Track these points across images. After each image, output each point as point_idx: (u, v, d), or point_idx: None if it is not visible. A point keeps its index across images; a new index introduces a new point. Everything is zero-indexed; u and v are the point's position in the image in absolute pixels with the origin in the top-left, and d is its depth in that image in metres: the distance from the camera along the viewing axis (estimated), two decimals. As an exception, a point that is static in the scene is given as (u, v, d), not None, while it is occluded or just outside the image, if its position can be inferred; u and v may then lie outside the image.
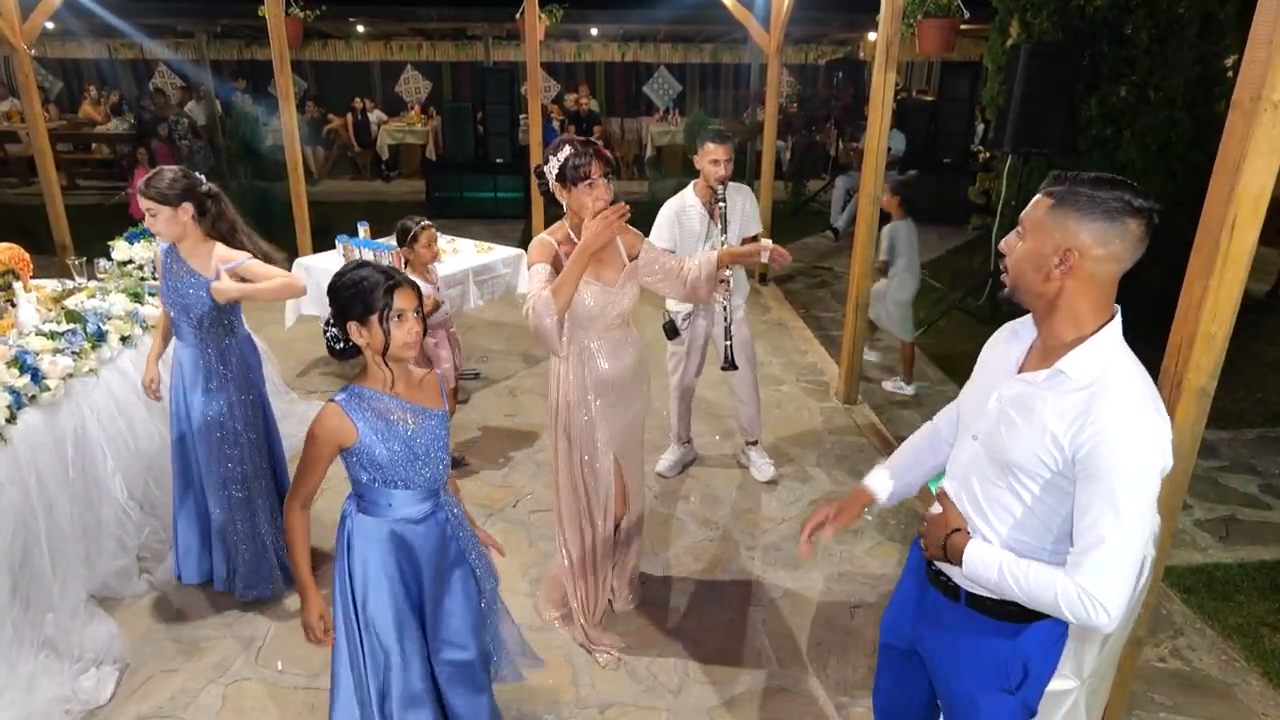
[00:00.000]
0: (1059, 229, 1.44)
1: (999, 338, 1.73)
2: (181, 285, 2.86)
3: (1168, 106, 5.68)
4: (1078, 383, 1.47)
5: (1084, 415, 1.43)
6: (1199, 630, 3.17)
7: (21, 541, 2.68)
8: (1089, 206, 1.42)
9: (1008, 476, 1.57)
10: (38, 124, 6.28)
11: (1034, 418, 1.51)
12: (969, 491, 1.66)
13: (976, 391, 1.72)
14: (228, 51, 14.12)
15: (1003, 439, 1.57)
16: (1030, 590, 1.49)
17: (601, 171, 2.54)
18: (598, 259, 2.62)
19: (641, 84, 15.77)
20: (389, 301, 1.85)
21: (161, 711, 2.68)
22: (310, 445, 1.91)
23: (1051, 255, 1.45)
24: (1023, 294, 1.53)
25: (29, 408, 2.82)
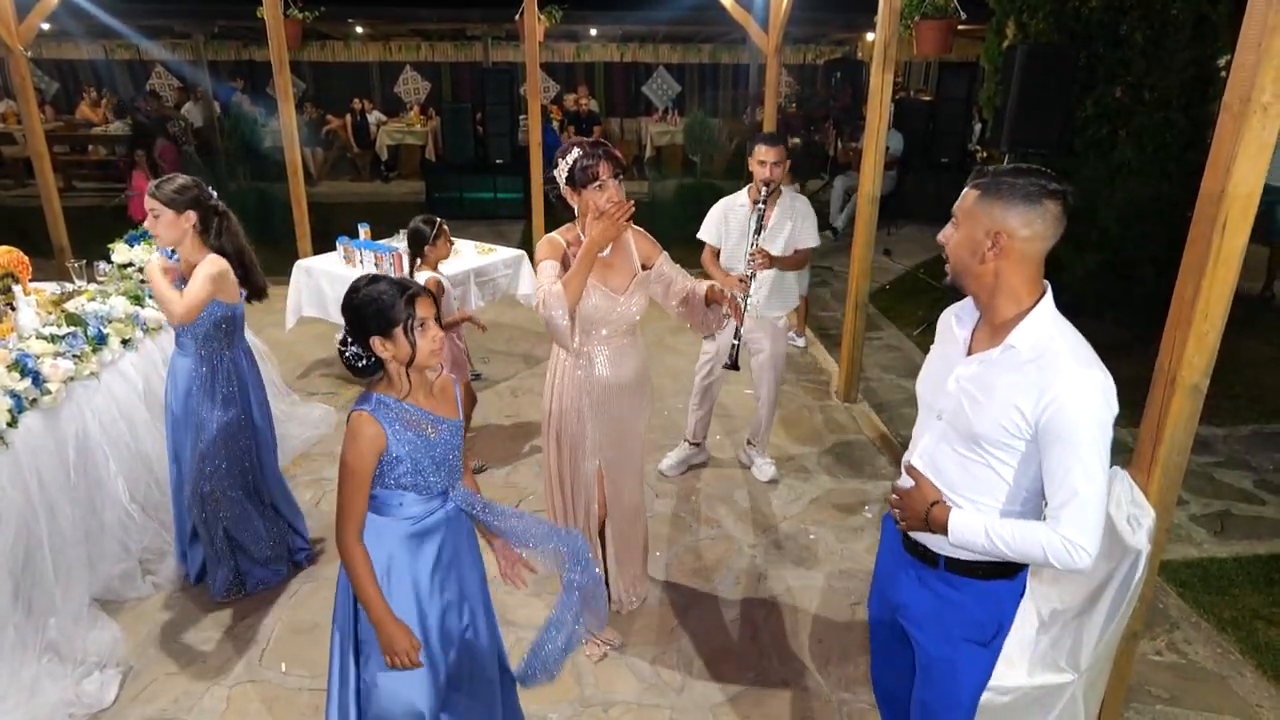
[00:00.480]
0: (987, 215, 1.62)
1: (944, 323, 1.88)
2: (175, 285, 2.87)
3: (1163, 107, 5.70)
4: (1025, 355, 1.62)
5: (1039, 385, 1.59)
6: (1194, 624, 3.20)
7: (24, 545, 2.69)
8: (1010, 193, 1.59)
9: (975, 448, 1.71)
10: (34, 126, 6.28)
11: (994, 393, 1.65)
12: (936, 466, 1.80)
13: (934, 374, 1.86)
14: (225, 52, 14.13)
15: (967, 415, 1.70)
16: (1018, 547, 1.63)
17: (611, 172, 2.51)
18: (606, 264, 2.60)
19: (641, 84, 15.79)
20: (411, 312, 1.84)
21: (165, 714, 2.69)
22: (350, 466, 1.86)
23: (984, 239, 1.63)
24: (963, 278, 1.70)
25: (30, 411, 2.83)
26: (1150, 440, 2.10)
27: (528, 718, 2.69)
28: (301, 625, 3.11)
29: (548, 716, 2.72)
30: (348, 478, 1.87)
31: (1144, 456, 2.14)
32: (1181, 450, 2.09)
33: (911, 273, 8.21)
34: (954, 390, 1.74)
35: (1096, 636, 2.10)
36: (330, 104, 13.63)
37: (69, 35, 12.80)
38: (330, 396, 5.06)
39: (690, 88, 15.81)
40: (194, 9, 11.85)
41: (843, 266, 8.13)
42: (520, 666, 2.19)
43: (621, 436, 2.83)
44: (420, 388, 1.96)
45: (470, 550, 2.15)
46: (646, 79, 15.79)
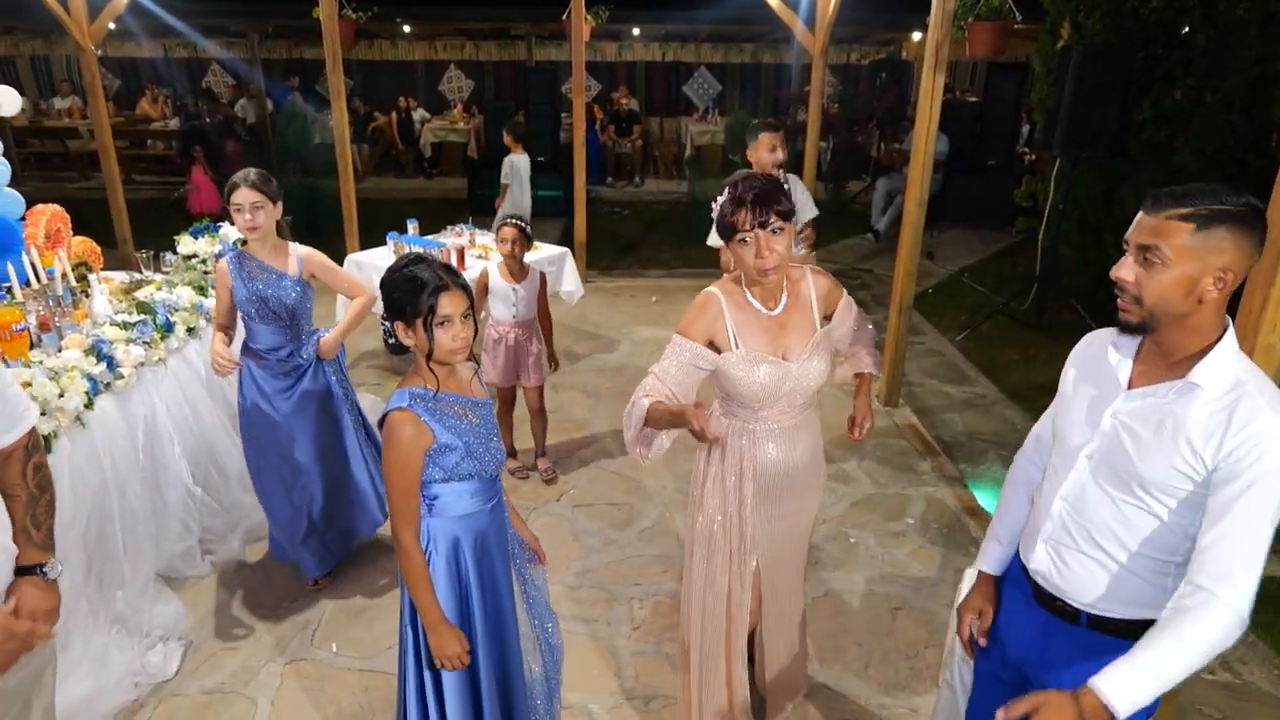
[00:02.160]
0: (1213, 252, 1.41)
1: (1090, 351, 1.71)
2: (267, 287, 2.98)
3: (1225, 109, 5.56)
4: (1213, 393, 1.46)
5: (1226, 424, 1.43)
6: (1251, 644, 3.14)
7: (97, 522, 2.82)
8: (1236, 222, 1.41)
9: (1136, 492, 1.54)
10: (102, 122, 6.50)
11: (1165, 431, 1.49)
12: (1082, 509, 1.63)
13: (1080, 409, 1.67)
14: (278, 51, 14.44)
15: (1128, 455, 1.54)
16: (1187, 658, 1.40)
17: (753, 222, 1.92)
18: (778, 323, 2.10)
19: (681, 83, 15.81)
20: (434, 305, 1.78)
21: (224, 687, 2.80)
22: (397, 467, 1.82)
23: (1207, 279, 1.43)
24: (1164, 321, 1.49)
25: (104, 394, 2.96)
26: (1208, 449, 2.07)
27: (569, 707, 2.75)
28: (351, 607, 3.21)
29: (589, 707, 2.77)
30: (394, 479, 1.83)
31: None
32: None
33: (955, 276, 8.13)
34: (1109, 428, 1.58)
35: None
36: (377, 102, 13.86)
37: (131, 34, 13.19)
38: (376, 388, 5.15)
39: (731, 87, 15.79)
40: (251, 8, 12.14)
41: (884, 270, 8.09)
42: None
43: (787, 531, 2.31)
44: (449, 376, 1.92)
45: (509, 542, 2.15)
46: (687, 78, 15.80)
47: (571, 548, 3.63)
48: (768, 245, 1.94)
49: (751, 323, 2.10)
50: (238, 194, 2.86)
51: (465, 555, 1.97)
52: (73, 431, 2.73)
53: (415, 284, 1.78)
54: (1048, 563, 1.69)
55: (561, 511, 3.91)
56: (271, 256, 3.02)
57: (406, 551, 1.87)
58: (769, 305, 2.10)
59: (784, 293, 2.11)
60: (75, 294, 3.45)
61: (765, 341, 2.09)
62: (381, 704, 2.74)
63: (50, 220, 3.75)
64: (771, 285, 2.07)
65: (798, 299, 2.14)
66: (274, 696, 2.77)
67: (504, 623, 2.08)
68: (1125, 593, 1.60)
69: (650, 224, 10.27)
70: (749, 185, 1.95)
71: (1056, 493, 1.68)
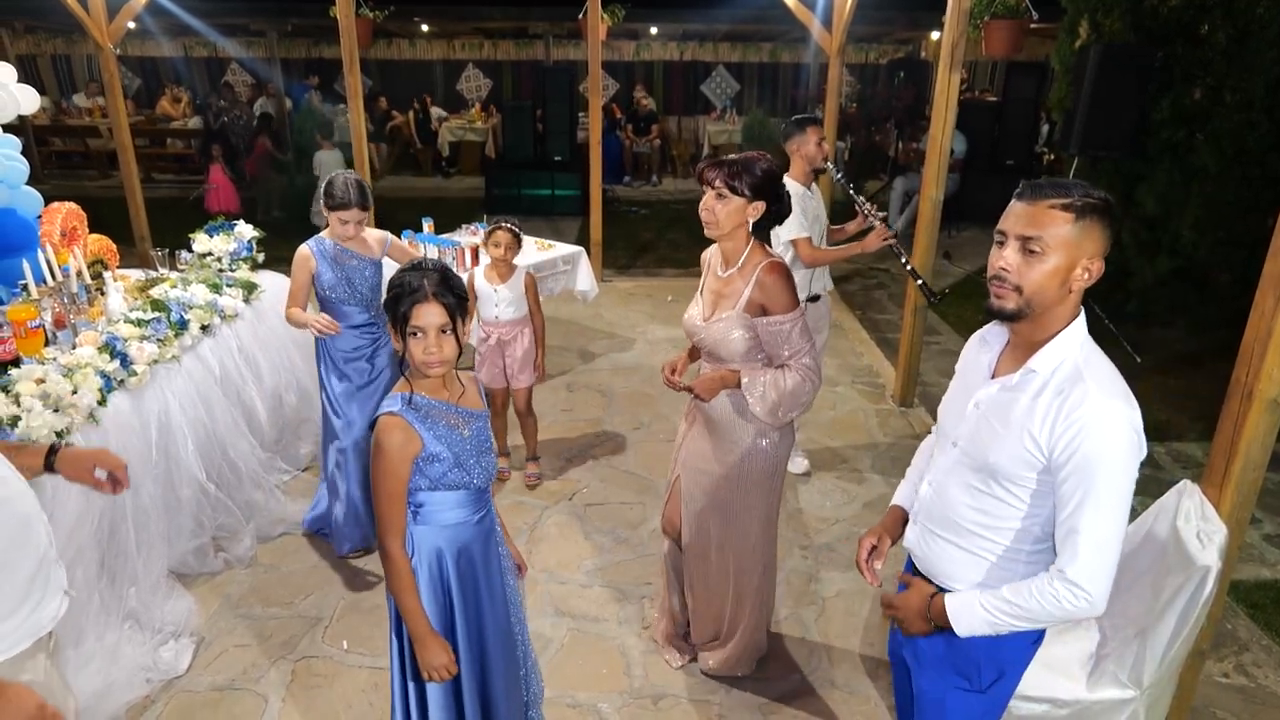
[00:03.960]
0: (1086, 242, 1.46)
1: (970, 345, 1.77)
2: (352, 270, 3.25)
3: (1245, 109, 5.48)
4: (1045, 377, 1.51)
5: (1058, 412, 1.47)
6: (1265, 647, 3.09)
7: (109, 518, 2.84)
8: (1103, 214, 1.46)
9: (990, 481, 1.59)
10: (121, 121, 6.56)
11: (1011, 421, 1.54)
12: (945, 497, 1.70)
13: (954, 399, 1.75)
14: (296, 50, 14.54)
15: (984, 444, 1.59)
16: (1028, 612, 1.53)
17: (704, 179, 2.36)
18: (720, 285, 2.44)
19: (699, 83, 15.78)
20: (407, 314, 1.76)
21: (234, 684, 2.82)
22: (384, 473, 1.80)
23: (1078, 269, 1.47)
24: (1039, 310, 1.51)
25: (118, 391, 2.98)
26: (1224, 455, 2.05)
27: (578, 706, 2.76)
28: (362, 605, 3.22)
29: (598, 706, 2.77)
30: (381, 485, 1.80)
31: (1216, 471, 2.08)
32: (1256, 467, 2.04)
33: (972, 276, 8.06)
34: (971, 415, 1.64)
35: (1161, 653, 2.05)
36: (395, 101, 13.94)
37: (150, 34, 13.32)
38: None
39: (749, 87, 15.74)
40: (270, 7, 12.22)
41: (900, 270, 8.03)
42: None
43: (699, 471, 2.62)
44: (441, 385, 1.88)
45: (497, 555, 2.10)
46: (705, 78, 15.76)
47: (583, 546, 3.63)
48: (707, 204, 2.33)
49: (710, 275, 2.51)
50: (348, 213, 3.11)
51: (448, 565, 1.94)
52: (86, 428, 2.76)
53: (398, 289, 1.78)
54: (917, 543, 1.80)
55: (573, 510, 3.91)
56: (352, 242, 3.25)
57: (392, 559, 1.84)
58: (722, 268, 2.45)
59: (738, 263, 2.39)
60: (90, 291, 3.48)
61: (708, 295, 2.48)
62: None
63: (66, 218, 3.79)
64: (725, 249, 2.42)
65: (742, 276, 2.39)
66: (284, 693, 2.78)
67: (486, 635, 2.04)
68: (979, 579, 1.67)
69: (668, 223, 10.25)
70: (735, 155, 2.33)
71: (925, 476, 1.78)
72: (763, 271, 2.34)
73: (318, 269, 3.22)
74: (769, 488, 2.60)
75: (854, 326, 6.62)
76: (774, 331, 2.34)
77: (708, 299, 2.48)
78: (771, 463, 2.55)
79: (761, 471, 2.55)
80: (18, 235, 3.60)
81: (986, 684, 1.72)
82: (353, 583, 3.35)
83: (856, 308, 7.16)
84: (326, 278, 3.23)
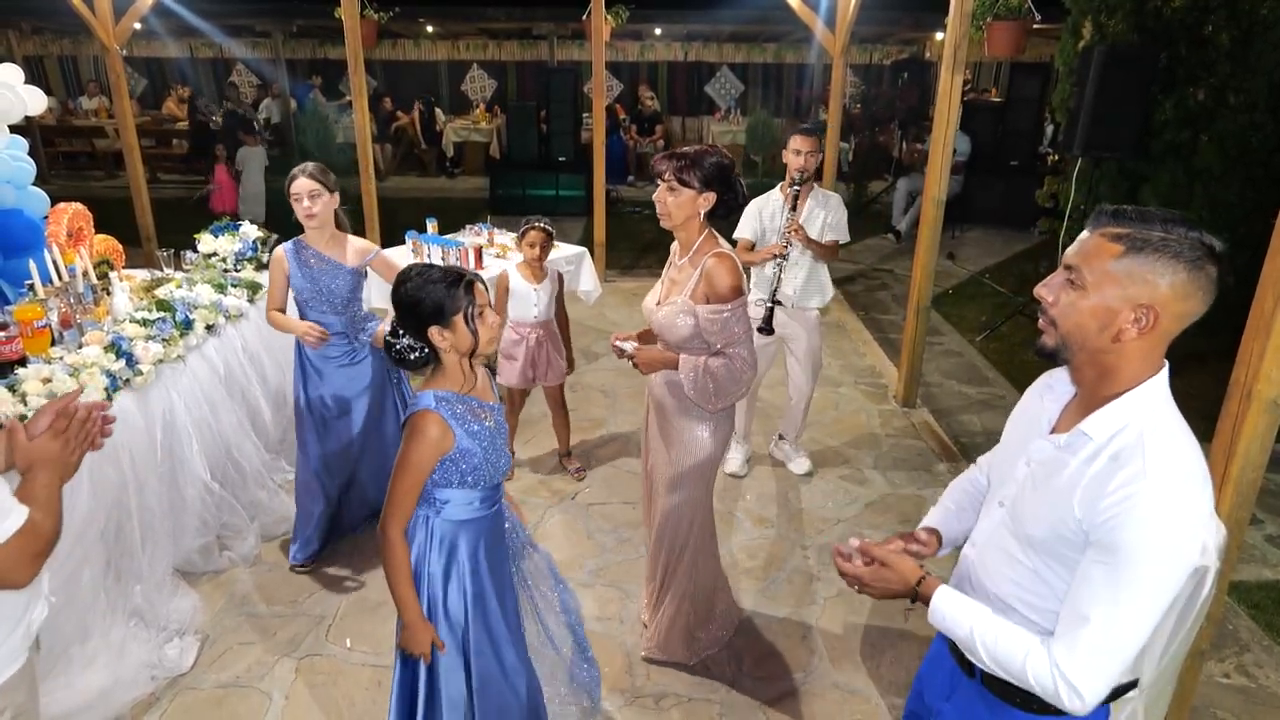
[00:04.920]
0: (1134, 283, 1.22)
1: (1034, 390, 1.54)
2: (322, 276, 3.16)
3: (1248, 110, 5.48)
4: (1100, 443, 1.28)
5: (1105, 484, 1.23)
6: (1266, 647, 3.10)
7: (115, 518, 2.86)
8: (1167, 255, 1.21)
9: (1029, 551, 1.38)
10: (127, 121, 6.59)
11: (1057, 487, 1.31)
12: (984, 563, 1.50)
13: (1006, 453, 1.54)
14: (302, 50, 14.59)
15: (1026, 509, 1.38)
16: (996, 652, 1.33)
17: (658, 172, 2.45)
18: (673, 273, 2.58)
19: (704, 83, 15.79)
20: (472, 299, 1.81)
21: (239, 681, 2.83)
22: (414, 465, 1.83)
23: (1126, 313, 1.24)
24: (1075, 352, 1.31)
25: (123, 391, 3.00)
26: (1223, 455, 2.05)
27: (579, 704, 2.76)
28: (366, 603, 3.23)
29: (600, 705, 2.77)
30: (406, 475, 1.84)
31: (1215, 472, 2.08)
32: (1256, 467, 2.04)
33: (976, 277, 8.07)
34: (1022, 475, 1.42)
35: (1159, 653, 2.05)
36: (400, 102, 13.98)
37: (156, 35, 13.37)
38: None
39: (753, 87, 15.74)
40: (276, 8, 12.27)
41: (904, 270, 8.03)
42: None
43: (653, 450, 2.79)
44: (461, 377, 1.91)
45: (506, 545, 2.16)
46: (709, 78, 15.78)
47: (585, 546, 3.64)
48: (660, 196, 2.44)
49: (671, 261, 2.63)
50: (296, 184, 3.01)
51: (462, 557, 1.98)
52: (93, 427, 2.78)
53: (449, 282, 1.80)
54: None
55: (576, 510, 3.92)
56: (329, 247, 3.17)
57: (392, 544, 1.89)
58: (678, 257, 2.58)
59: (690, 253, 2.51)
60: (96, 291, 3.50)
61: (666, 282, 2.61)
62: (393, 699, 2.76)
63: (73, 218, 3.81)
64: (680, 238, 2.54)
65: (689, 266, 2.50)
66: (288, 691, 2.80)
67: (495, 624, 2.07)
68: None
69: (669, 224, 10.24)
70: (684, 149, 2.43)
71: (970, 538, 1.58)
72: (709, 261, 2.45)
73: (290, 271, 3.17)
74: (701, 476, 2.68)
75: (857, 327, 6.62)
76: (712, 319, 2.42)
77: (665, 285, 2.62)
78: (706, 452, 2.64)
79: (696, 459, 2.64)
80: (24, 235, 3.63)
81: None
82: (356, 581, 3.36)
83: (859, 308, 7.17)
84: (296, 281, 3.18)
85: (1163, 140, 5.79)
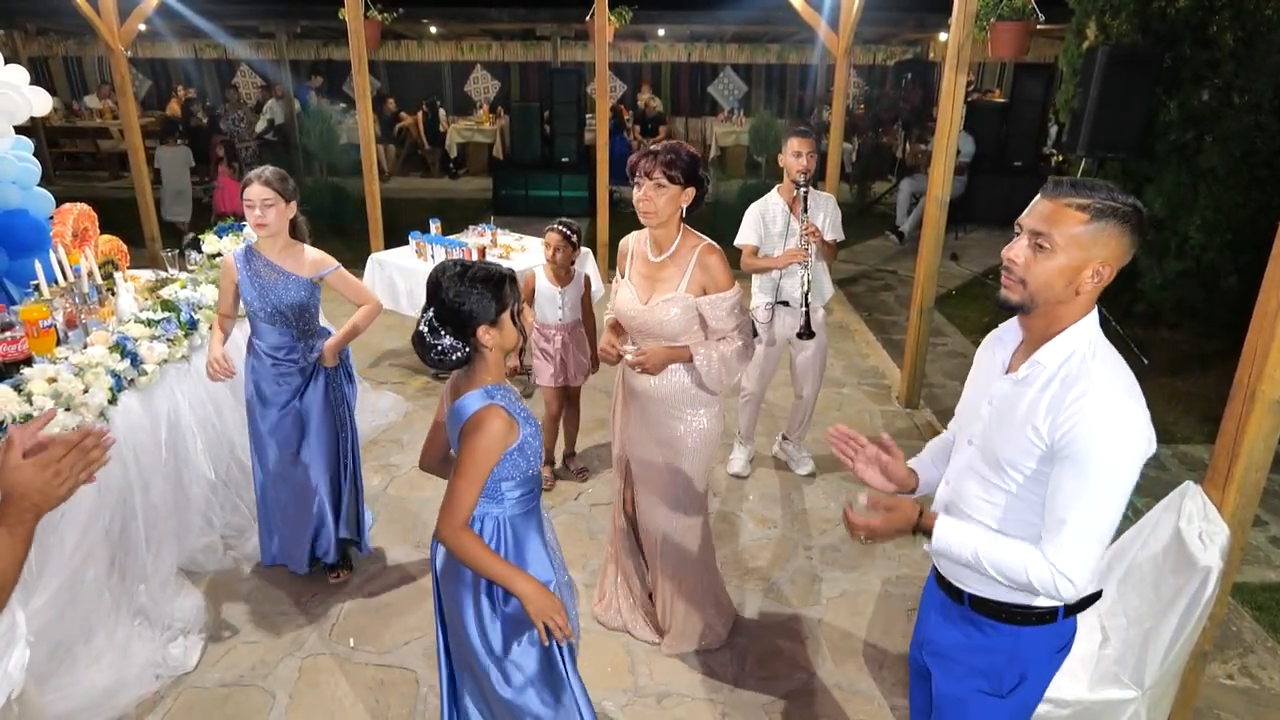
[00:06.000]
0: (1098, 245, 1.44)
1: (986, 344, 1.76)
2: (273, 286, 2.96)
3: (1253, 111, 5.47)
4: (1051, 370, 1.51)
5: (1059, 401, 1.46)
6: (1270, 649, 3.09)
7: (120, 516, 2.88)
8: (1122, 219, 1.43)
9: (999, 473, 1.60)
10: (132, 122, 6.62)
11: (1018, 413, 1.54)
12: (961, 494, 1.70)
13: (969, 398, 1.76)
14: (306, 52, 14.61)
15: (995, 439, 1.60)
16: (1000, 562, 1.54)
17: (642, 170, 2.43)
18: (657, 266, 2.56)
19: (707, 84, 15.79)
20: (517, 295, 1.85)
21: (243, 680, 2.84)
22: (480, 462, 1.80)
23: (1088, 271, 1.45)
24: (1043, 306, 1.51)
25: (128, 390, 3.01)
26: (1226, 456, 2.05)
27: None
28: (369, 603, 3.24)
29: (602, 703, 2.78)
30: (471, 473, 1.79)
31: (1219, 472, 2.09)
32: (1260, 468, 2.04)
33: (979, 278, 8.06)
34: (986, 413, 1.65)
35: (1162, 654, 2.06)
36: (404, 103, 14.00)
37: (160, 36, 13.40)
38: (399, 386, 5.22)
39: (756, 88, 15.74)
40: (280, 9, 12.29)
41: (908, 271, 8.03)
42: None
43: (646, 447, 2.75)
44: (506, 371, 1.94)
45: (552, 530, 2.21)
46: (713, 79, 15.78)
47: (588, 545, 3.64)
48: (647, 194, 2.42)
49: (639, 261, 2.62)
50: (250, 190, 2.84)
51: (535, 545, 2.00)
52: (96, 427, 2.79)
53: (495, 282, 1.79)
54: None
55: (579, 510, 3.93)
56: (281, 257, 2.97)
57: (461, 540, 1.81)
58: (654, 253, 2.57)
59: (671, 248, 2.53)
60: (101, 291, 3.52)
61: (639, 280, 2.59)
62: (398, 699, 2.77)
63: (78, 219, 3.83)
64: (659, 234, 2.53)
65: (677, 259, 2.53)
66: (291, 690, 2.81)
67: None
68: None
69: (672, 224, 10.25)
70: (665, 147, 2.44)
71: (944, 477, 1.78)
72: (703, 254, 2.51)
73: (239, 279, 2.98)
74: (707, 458, 2.76)
75: (860, 328, 6.62)
76: (717, 307, 2.50)
77: (639, 284, 2.60)
78: (713, 432, 2.72)
79: (701, 442, 2.70)
80: (30, 236, 3.64)
81: (1008, 688, 1.70)
82: (360, 581, 3.37)
83: (863, 309, 7.16)
84: (245, 289, 2.99)
85: (1167, 141, 5.78)
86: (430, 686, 2.80)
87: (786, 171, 3.76)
